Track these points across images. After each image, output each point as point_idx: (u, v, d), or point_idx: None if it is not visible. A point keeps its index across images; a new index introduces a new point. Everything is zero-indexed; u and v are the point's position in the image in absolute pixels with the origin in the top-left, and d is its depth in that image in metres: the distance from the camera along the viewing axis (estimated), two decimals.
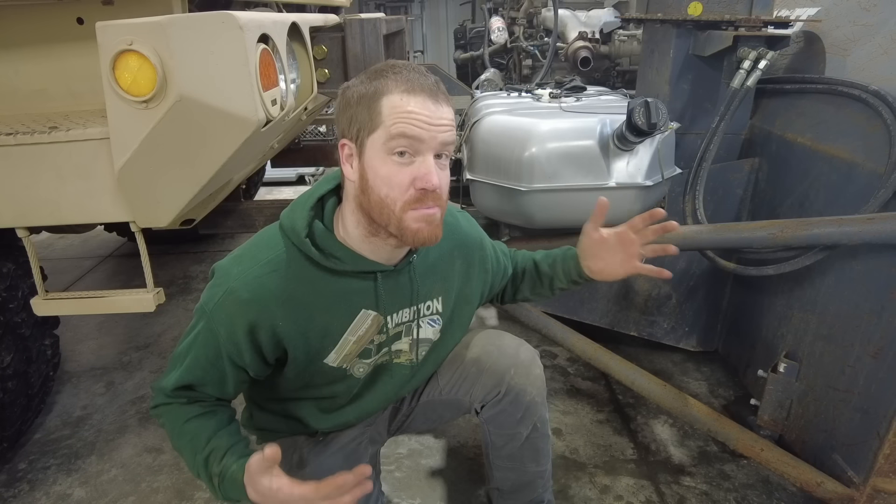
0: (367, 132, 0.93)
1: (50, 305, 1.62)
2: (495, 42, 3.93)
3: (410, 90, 0.91)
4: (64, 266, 3.53)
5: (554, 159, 1.70)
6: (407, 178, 0.92)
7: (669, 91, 1.95)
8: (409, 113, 0.90)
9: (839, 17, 1.86)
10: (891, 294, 1.35)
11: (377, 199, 0.94)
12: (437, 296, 1.18)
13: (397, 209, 0.93)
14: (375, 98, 0.92)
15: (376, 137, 0.92)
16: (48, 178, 1.43)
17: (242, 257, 1.03)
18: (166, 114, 1.26)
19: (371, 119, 0.92)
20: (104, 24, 1.22)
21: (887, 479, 1.38)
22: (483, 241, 1.27)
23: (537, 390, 1.29)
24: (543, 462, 1.38)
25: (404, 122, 0.90)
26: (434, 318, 1.19)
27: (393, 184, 0.92)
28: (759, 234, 1.56)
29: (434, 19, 11.12)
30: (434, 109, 0.92)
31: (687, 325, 2.23)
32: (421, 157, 0.93)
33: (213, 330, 1.00)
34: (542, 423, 1.33)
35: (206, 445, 1.00)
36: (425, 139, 0.91)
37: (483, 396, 1.28)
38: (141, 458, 1.92)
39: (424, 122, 0.91)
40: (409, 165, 0.93)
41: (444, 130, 0.93)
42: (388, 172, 0.92)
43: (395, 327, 1.13)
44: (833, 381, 1.54)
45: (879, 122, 1.45)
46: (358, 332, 1.08)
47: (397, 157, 0.92)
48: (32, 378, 1.88)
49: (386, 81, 0.92)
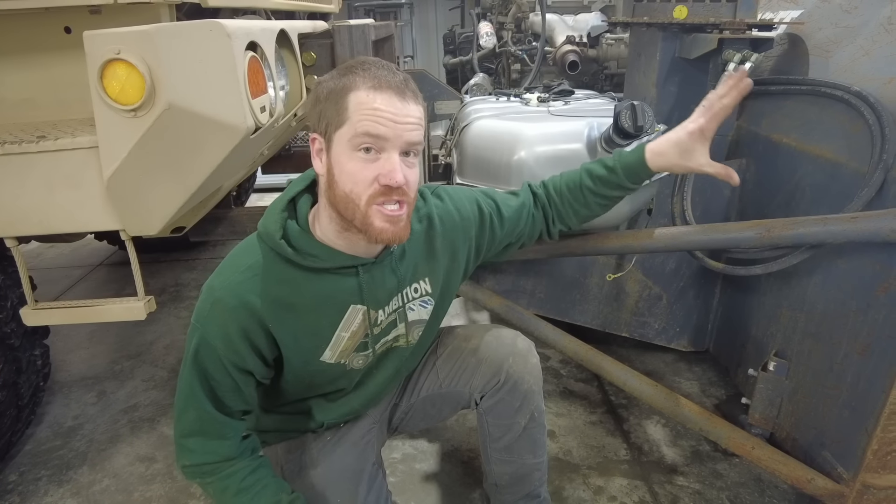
0: (335, 127, 0.94)
1: (40, 315, 1.61)
2: (484, 47, 3.94)
3: (377, 87, 0.92)
4: (54, 276, 3.51)
5: (542, 163, 1.71)
6: (371, 175, 0.93)
7: (657, 93, 1.97)
8: (375, 110, 0.91)
9: (821, 19, 1.89)
10: (876, 291, 1.37)
11: (342, 194, 0.95)
12: (424, 277, 1.18)
13: (362, 204, 0.94)
14: (343, 94, 0.92)
15: (343, 133, 0.93)
16: (36, 188, 1.42)
17: (223, 269, 1.03)
18: (155, 122, 1.26)
19: (338, 115, 0.93)
20: (92, 34, 1.22)
21: (876, 474, 1.40)
22: (469, 212, 1.23)
23: (534, 379, 1.32)
24: (540, 454, 1.40)
25: (370, 119, 0.91)
26: (425, 299, 1.19)
27: (357, 179, 0.93)
28: (747, 233, 1.57)
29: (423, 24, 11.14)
30: (400, 107, 0.92)
31: (678, 326, 2.24)
32: (386, 154, 0.93)
33: (209, 344, 1.00)
34: (538, 413, 1.35)
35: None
36: (390, 137, 0.92)
37: (483, 386, 1.31)
38: (133, 468, 1.91)
39: (390, 119, 0.91)
40: (374, 162, 0.93)
41: (410, 129, 0.93)
42: (353, 168, 0.93)
43: (387, 317, 1.14)
44: (822, 379, 1.55)
45: (862, 122, 1.46)
46: (351, 327, 1.08)
47: (363, 154, 0.93)
48: (22, 389, 1.87)
49: (354, 77, 0.93)
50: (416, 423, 1.43)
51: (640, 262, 2.13)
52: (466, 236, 1.22)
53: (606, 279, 2.16)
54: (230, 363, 1.01)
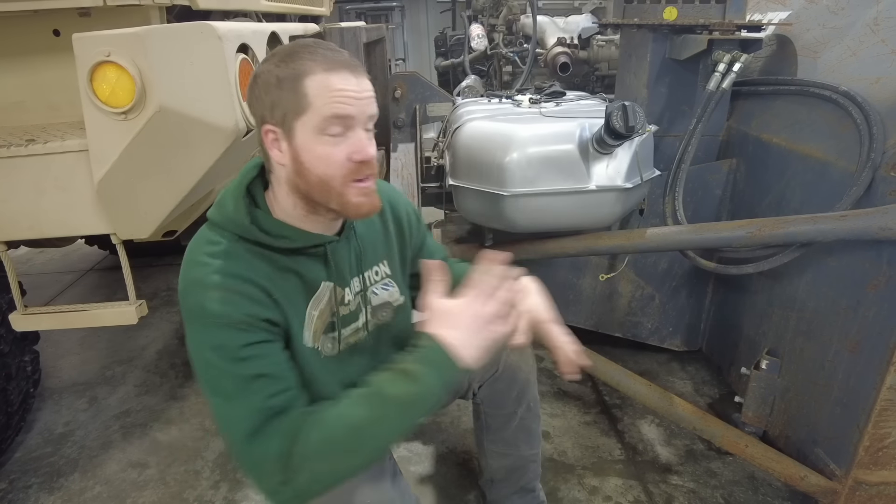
0: (295, 115, 0.92)
1: (29, 320, 1.59)
2: (475, 49, 3.96)
3: (331, 68, 0.91)
4: (44, 281, 3.48)
5: (534, 164, 1.72)
6: (343, 154, 0.94)
7: (647, 94, 1.98)
8: (338, 91, 0.91)
9: (809, 20, 1.91)
10: (866, 289, 1.38)
11: (316, 180, 0.94)
12: (382, 259, 1.19)
13: (338, 185, 0.95)
14: (297, 80, 0.91)
15: (307, 120, 0.92)
16: (26, 192, 1.41)
17: (193, 265, 0.97)
18: (146, 125, 1.25)
19: (297, 101, 0.91)
20: (81, 36, 1.21)
21: (868, 470, 1.41)
22: (409, 204, 1.28)
23: (530, 368, 1.36)
24: (535, 444, 1.43)
25: (336, 101, 0.91)
26: (386, 282, 1.19)
27: (331, 161, 0.93)
28: (738, 233, 1.59)
29: (415, 27, 11.17)
30: (357, 83, 0.93)
31: (671, 325, 2.25)
32: (353, 132, 0.94)
33: (224, 324, 0.91)
34: (534, 403, 1.39)
35: (369, 394, 0.89)
36: (356, 115, 0.93)
37: (481, 376, 1.33)
38: (126, 474, 1.89)
39: (353, 97, 0.92)
40: (343, 142, 0.94)
41: (370, 103, 0.95)
42: (324, 152, 0.93)
43: (354, 299, 1.13)
44: (813, 376, 1.56)
45: (850, 121, 1.48)
46: (319, 305, 1.07)
47: (330, 136, 0.93)
48: (12, 395, 1.85)
49: (304, 62, 0.91)
50: None
51: (632, 262, 2.14)
52: (409, 224, 1.25)
53: (599, 279, 2.17)
54: (251, 325, 0.93)
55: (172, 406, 2.24)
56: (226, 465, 1.90)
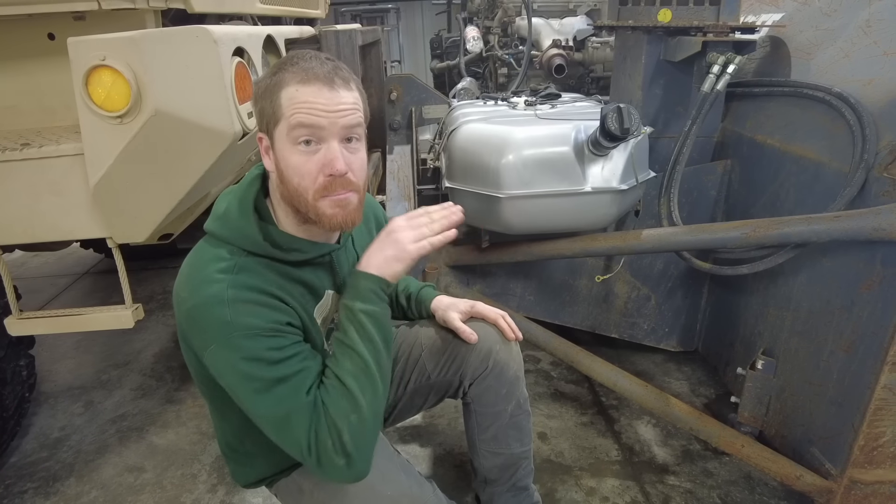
0: (273, 124, 0.96)
1: (24, 325, 1.59)
2: (471, 51, 3.96)
3: (305, 80, 0.93)
4: (39, 285, 3.46)
5: (530, 166, 1.72)
6: (315, 167, 0.95)
7: (642, 96, 1.99)
8: (304, 103, 0.93)
9: (802, 22, 1.92)
10: (859, 289, 1.39)
11: (293, 189, 0.97)
12: None
13: (310, 198, 0.96)
14: (276, 90, 0.94)
15: (281, 129, 0.95)
16: (21, 196, 1.41)
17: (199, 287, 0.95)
18: (141, 128, 1.25)
19: (274, 112, 0.95)
20: (76, 40, 1.21)
21: (863, 469, 1.42)
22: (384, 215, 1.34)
23: (518, 366, 1.37)
24: (526, 441, 1.43)
25: (300, 112, 0.93)
26: None
27: (303, 173, 0.95)
28: (733, 234, 1.59)
29: (410, 29, 11.16)
30: (330, 96, 0.94)
31: (667, 326, 2.26)
32: (325, 144, 0.95)
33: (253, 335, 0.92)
34: (524, 400, 1.40)
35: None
36: (324, 126, 0.93)
37: (472, 373, 1.34)
38: (122, 478, 1.89)
39: (321, 109, 0.93)
40: (316, 154, 0.95)
41: (343, 115, 0.95)
42: (297, 162, 0.95)
43: None
44: (809, 376, 1.57)
45: (843, 122, 1.49)
46: (322, 313, 1.10)
47: (303, 147, 0.94)
48: (7, 400, 1.84)
49: (284, 74, 0.94)
50: (404, 414, 1.47)
51: (628, 263, 2.14)
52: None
53: (595, 281, 2.17)
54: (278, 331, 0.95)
55: (169, 410, 2.23)
56: (223, 468, 1.89)
